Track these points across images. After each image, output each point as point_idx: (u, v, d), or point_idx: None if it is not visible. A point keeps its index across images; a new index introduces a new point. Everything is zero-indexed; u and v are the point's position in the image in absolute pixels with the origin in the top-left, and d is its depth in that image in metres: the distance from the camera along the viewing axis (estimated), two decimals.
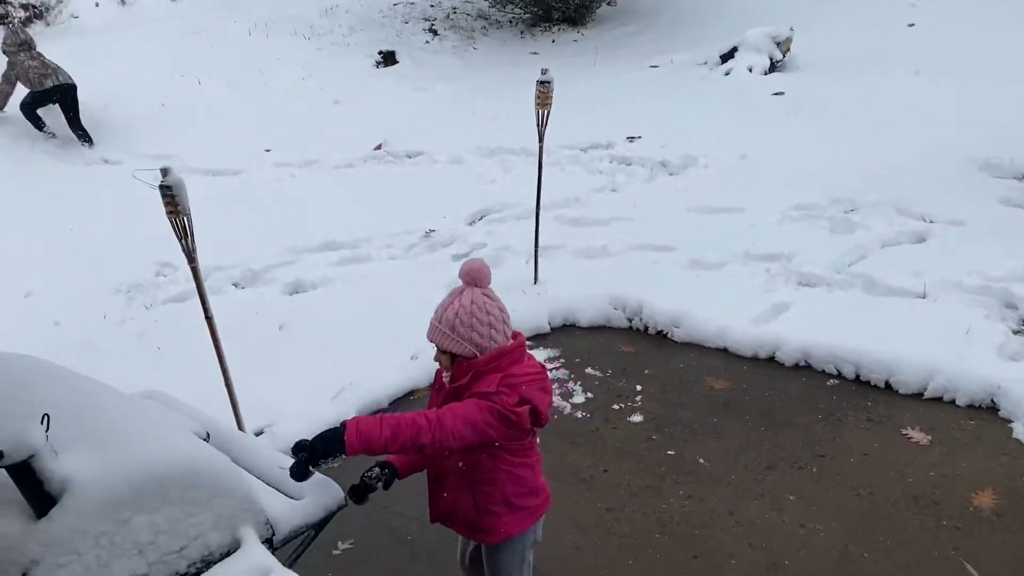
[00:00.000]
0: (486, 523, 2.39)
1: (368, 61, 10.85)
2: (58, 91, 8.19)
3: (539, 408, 2.23)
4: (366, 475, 2.42)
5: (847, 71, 8.37)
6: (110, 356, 4.73)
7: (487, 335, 2.24)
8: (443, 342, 2.26)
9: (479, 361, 2.24)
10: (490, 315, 2.26)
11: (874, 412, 4.01)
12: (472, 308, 2.24)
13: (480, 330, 2.23)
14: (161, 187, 3.37)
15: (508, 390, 2.17)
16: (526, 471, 2.39)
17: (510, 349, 2.27)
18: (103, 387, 2.26)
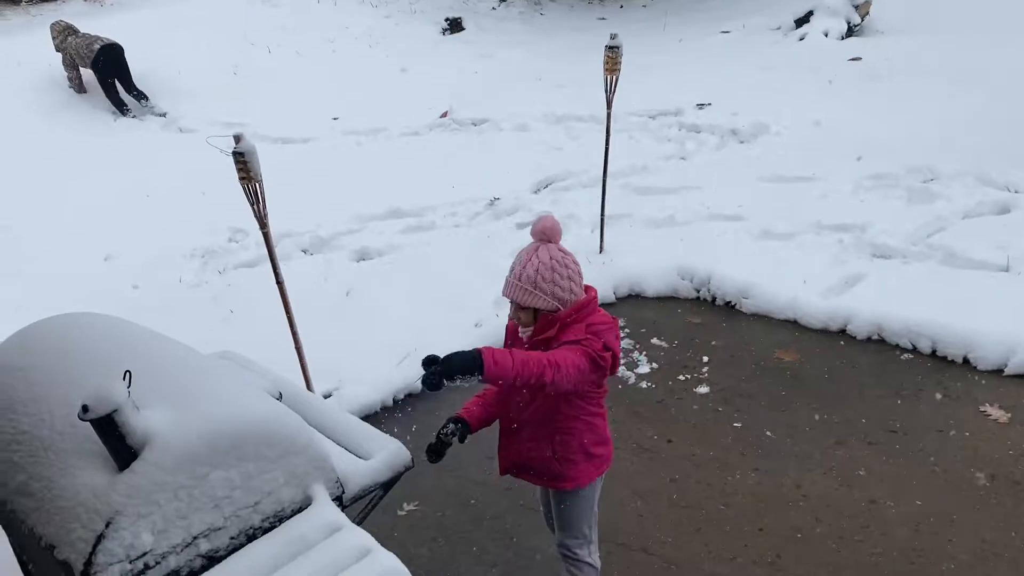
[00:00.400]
0: (564, 471, 2.45)
1: (434, 28, 10.83)
2: (105, 52, 8.42)
3: (616, 355, 2.33)
4: (442, 432, 2.47)
5: (929, 35, 8.01)
6: (185, 318, 4.87)
7: (568, 288, 2.30)
8: (525, 298, 2.30)
9: (564, 313, 2.30)
10: (568, 268, 2.32)
11: (951, 388, 3.89)
12: (552, 263, 2.29)
13: (561, 284, 2.29)
14: (234, 153, 3.43)
15: (594, 337, 2.25)
16: (600, 420, 2.48)
17: (587, 301, 2.35)
18: (181, 347, 2.33)
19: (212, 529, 1.83)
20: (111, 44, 8.49)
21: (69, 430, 1.89)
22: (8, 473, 1.98)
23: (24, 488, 1.91)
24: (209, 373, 2.14)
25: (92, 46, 8.40)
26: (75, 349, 2.18)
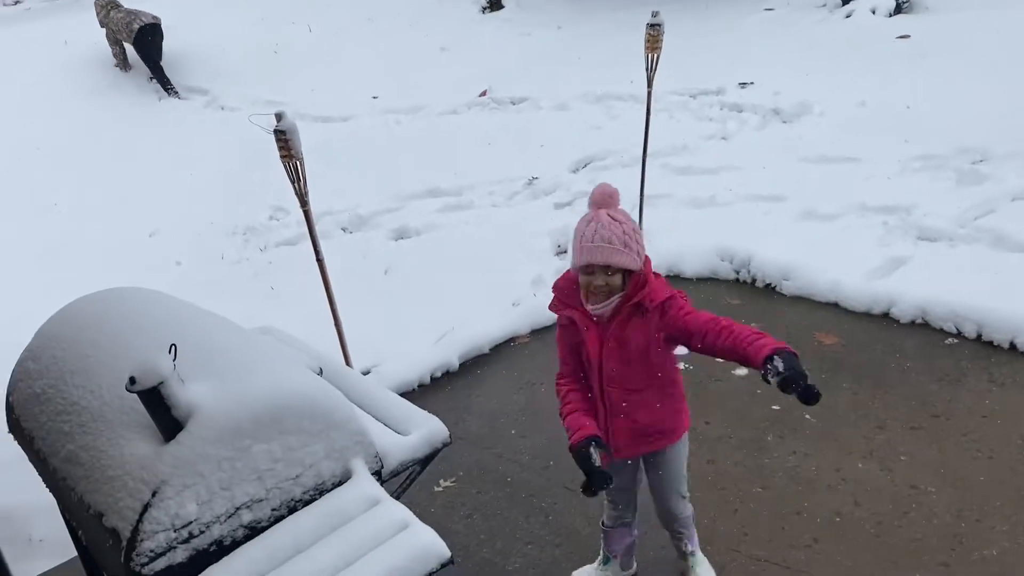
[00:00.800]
0: (676, 423, 2.53)
1: (474, 7, 10.79)
2: (146, 31, 8.52)
3: None
4: (592, 465, 2.26)
5: (980, 11, 7.78)
6: (227, 294, 4.95)
7: (643, 245, 2.31)
8: (620, 260, 2.24)
9: (647, 271, 2.32)
10: (636, 227, 2.32)
11: (997, 373, 3.80)
12: (631, 223, 2.29)
13: (641, 242, 2.29)
14: (276, 131, 3.47)
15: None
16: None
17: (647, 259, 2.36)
18: (224, 321, 2.37)
19: (254, 500, 1.86)
20: (152, 24, 8.61)
21: (116, 401, 1.93)
22: (58, 442, 2.04)
23: (73, 457, 1.96)
24: (251, 348, 2.17)
25: (132, 24, 8.51)
26: (123, 323, 2.23)
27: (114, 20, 8.66)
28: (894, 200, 5.17)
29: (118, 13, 8.71)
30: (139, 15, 8.64)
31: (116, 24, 8.62)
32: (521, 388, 4.18)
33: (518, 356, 4.46)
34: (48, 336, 2.31)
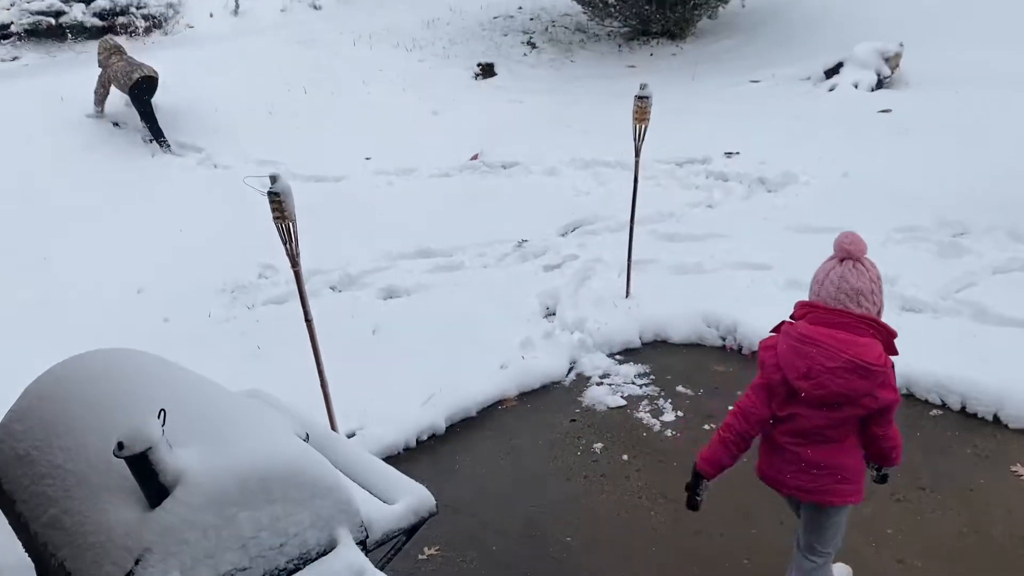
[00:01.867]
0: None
1: (467, 73, 11.01)
2: (145, 81, 8.68)
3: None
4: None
5: (960, 89, 8.02)
6: (214, 352, 4.93)
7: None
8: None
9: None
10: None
11: (981, 446, 3.83)
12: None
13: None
14: (269, 193, 3.51)
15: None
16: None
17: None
18: (213, 384, 2.37)
19: (238, 569, 1.84)
20: (150, 76, 8.74)
21: (103, 465, 1.92)
22: (41, 506, 2.02)
23: (56, 522, 1.94)
24: (240, 412, 2.17)
25: (132, 74, 8.64)
26: (111, 385, 2.22)
27: (114, 65, 8.78)
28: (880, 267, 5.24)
29: (120, 60, 8.84)
30: (141, 66, 8.78)
31: (115, 70, 8.74)
32: (508, 453, 4.16)
33: (505, 419, 4.45)
34: (35, 396, 2.30)
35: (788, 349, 2.56)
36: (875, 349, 2.46)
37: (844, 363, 2.43)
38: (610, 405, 4.45)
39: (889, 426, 2.58)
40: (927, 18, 10.09)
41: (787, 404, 2.58)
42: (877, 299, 2.55)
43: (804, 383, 2.49)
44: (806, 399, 2.50)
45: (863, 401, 2.47)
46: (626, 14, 11.71)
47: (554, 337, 5.05)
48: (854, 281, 2.51)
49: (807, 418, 2.55)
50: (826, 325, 2.51)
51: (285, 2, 14.10)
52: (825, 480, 2.61)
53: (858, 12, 10.71)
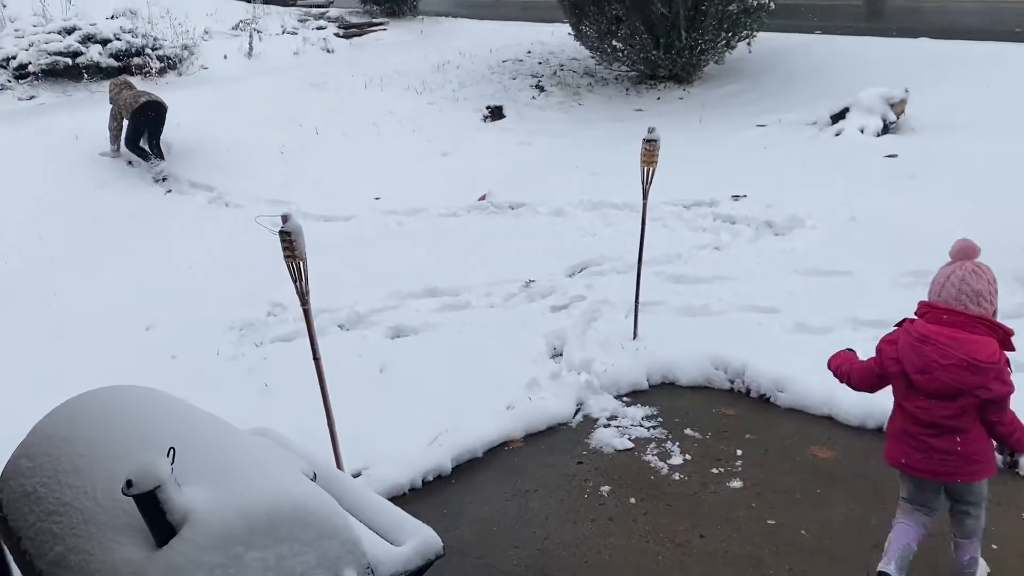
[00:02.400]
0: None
1: (476, 115, 11.16)
2: (151, 107, 8.87)
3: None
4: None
5: (965, 134, 8.08)
6: (221, 390, 4.94)
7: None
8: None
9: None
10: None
11: (991, 493, 3.78)
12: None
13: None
14: (281, 232, 3.54)
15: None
16: None
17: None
18: (221, 422, 2.37)
19: None
20: (157, 101, 8.94)
21: (110, 503, 1.91)
22: (47, 544, 2.00)
23: (62, 560, 1.93)
24: (247, 451, 2.16)
25: (139, 98, 8.86)
26: (120, 422, 2.22)
27: (123, 97, 9.00)
28: (886, 314, 5.21)
29: (129, 91, 9.06)
30: (148, 94, 9.01)
31: (124, 98, 8.95)
32: (515, 495, 4.13)
33: (512, 461, 4.42)
34: (43, 434, 2.30)
35: (907, 345, 2.92)
36: (989, 347, 2.77)
37: (957, 360, 2.77)
38: (617, 447, 4.42)
39: (1004, 413, 2.88)
40: (930, 64, 10.21)
41: (908, 396, 2.97)
42: (994, 300, 2.87)
43: (920, 377, 2.86)
44: (923, 391, 2.88)
45: (977, 392, 2.79)
46: (633, 59, 11.87)
47: (561, 378, 5.04)
48: (974, 283, 2.84)
49: (928, 409, 2.91)
50: (944, 324, 2.85)
51: (298, 45, 14.38)
52: (954, 463, 2.95)
53: (861, 58, 10.87)
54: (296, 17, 16.35)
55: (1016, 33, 11.37)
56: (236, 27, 15.09)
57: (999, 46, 10.85)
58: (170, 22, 13.52)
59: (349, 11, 17.81)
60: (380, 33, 16.19)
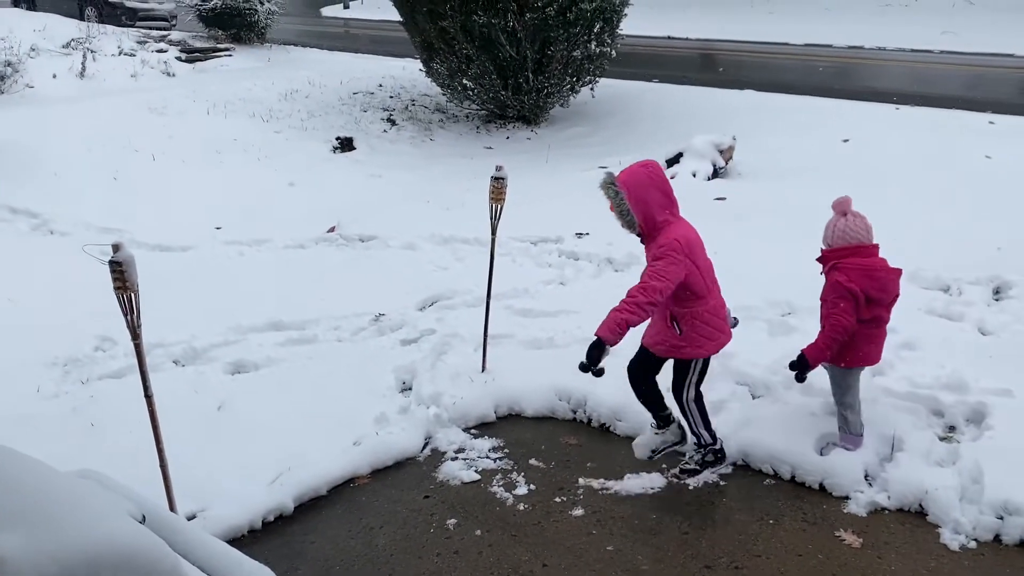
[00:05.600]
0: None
1: (325, 146, 11.04)
2: None
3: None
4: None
5: (786, 180, 8.79)
6: (42, 431, 4.59)
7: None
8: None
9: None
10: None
11: (810, 513, 4.09)
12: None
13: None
14: (111, 262, 3.37)
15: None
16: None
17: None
18: (37, 463, 2.21)
19: None
20: None
21: None
22: None
23: None
24: (68, 494, 2.03)
25: None
26: None
27: None
28: None
29: None
30: None
31: None
32: (360, 532, 4.06)
33: (357, 498, 4.35)
34: None
35: (861, 275, 4.09)
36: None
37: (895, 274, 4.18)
38: (464, 480, 4.45)
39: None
40: (754, 114, 11.06)
41: (869, 308, 4.11)
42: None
43: (882, 294, 4.14)
44: (884, 304, 4.20)
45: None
46: (483, 98, 12.15)
47: (410, 412, 5.03)
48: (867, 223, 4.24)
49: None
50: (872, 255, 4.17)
51: (136, 67, 13.76)
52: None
53: (694, 106, 11.63)
54: (135, 39, 15.63)
55: (823, 89, 12.52)
56: (67, 45, 14.26)
57: (813, 100, 11.92)
58: None
59: (192, 35, 17.22)
60: (225, 59, 15.75)
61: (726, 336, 4.20)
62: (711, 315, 4.06)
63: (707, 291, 4.04)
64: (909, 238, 7.06)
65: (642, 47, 16.34)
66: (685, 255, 3.89)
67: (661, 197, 4.01)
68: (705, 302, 4.04)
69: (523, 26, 10.86)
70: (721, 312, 4.14)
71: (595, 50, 11.52)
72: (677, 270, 3.84)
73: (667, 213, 4.02)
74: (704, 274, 4.02)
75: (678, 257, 3.86)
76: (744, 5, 24.59)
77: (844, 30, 17.86)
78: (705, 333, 4.07)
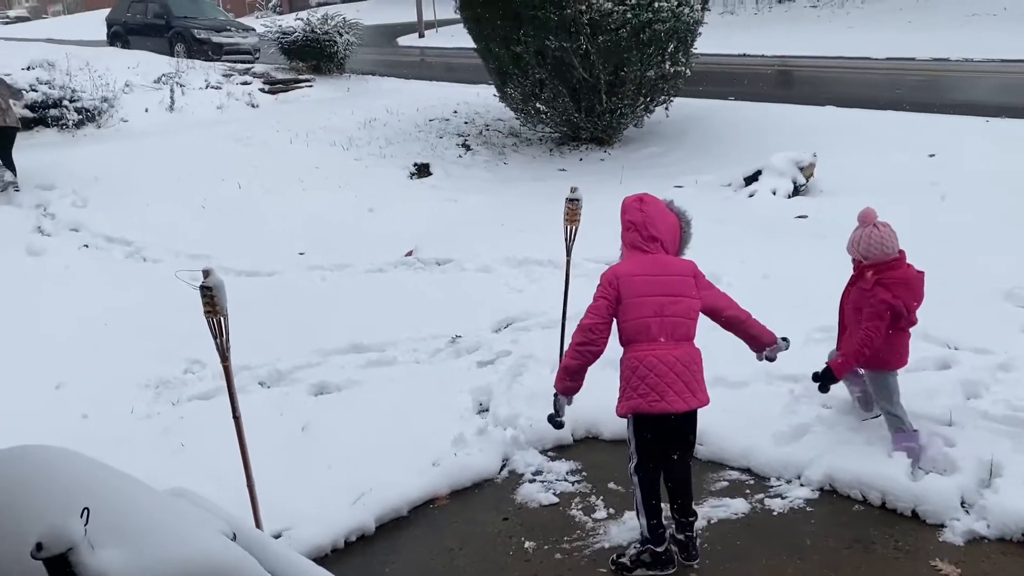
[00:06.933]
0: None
1: (403, 172, 11.25)
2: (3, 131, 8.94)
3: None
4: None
5: (870, 197, 8.49)
6: (135, 450, 4.77)
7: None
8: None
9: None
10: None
11: (902, 541, 3.93)
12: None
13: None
14: (202, 287, 3.50)
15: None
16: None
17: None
18: (136, 482, 2.30)
19: None
20: (11, 127, 9.01)
21: (15, 568, 1.83)
22: None
23: None
24: (164, 511, 2.11)
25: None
26: (30, 483, 2.14)
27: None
28: (800, 368, 5.40)
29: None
30: (7, 113, 8.98)
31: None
32: (439, 553, 4.08)
33: (437, 519, 4.38)
34: None
35: (903, 289, 4.23)
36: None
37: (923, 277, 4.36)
38: (543, 503, 4.43)
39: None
40: (835, 130, 10.81)
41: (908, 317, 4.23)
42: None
43: (916, 304, 4.28)
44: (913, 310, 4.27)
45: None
46: (556, 120, 12.21)
47: (487, 434, 5.05)
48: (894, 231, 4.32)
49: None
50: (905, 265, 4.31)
51: (222, 99, 14.31)
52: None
53: (772, 124, 11.42)
54: (220, 72, 16.28)
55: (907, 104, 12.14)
56: (158, 80, 14.94)
57: (897, 114, 11.58)
58: (89, 74, 13.29)
59: (275, 67, 17.83)
60: (306, 89, 16.24)
61: (666, 401, 3.59)
62: (644, 367, 3.60)
63: (642, 336, 3.62)
64: (1003, 254, 6.78)
65: (717, 65, 16.19)
66: (615, 288, 3.65)
67: (627, 227, 3.89)
68: (635, 348, 3.64)
69: (596, 48, 10.89)
70: (660, 368, 3.58)
71: (669, 70, 11.45)
72: (598, 305, 3.68)
73: (623, 247, 3.89)
74: (640, 317, 3.61)
75: (604, 291, 3.68)
76: (822, 21, 24.13)
77: (928, 42, 17.34)
78: (632, 384, 3.64)
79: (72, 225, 8.89)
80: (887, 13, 23.14)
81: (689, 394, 3.63)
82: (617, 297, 3.64)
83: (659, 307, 3.60)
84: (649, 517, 3.67)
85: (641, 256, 3.74)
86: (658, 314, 3.60)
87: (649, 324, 3.59)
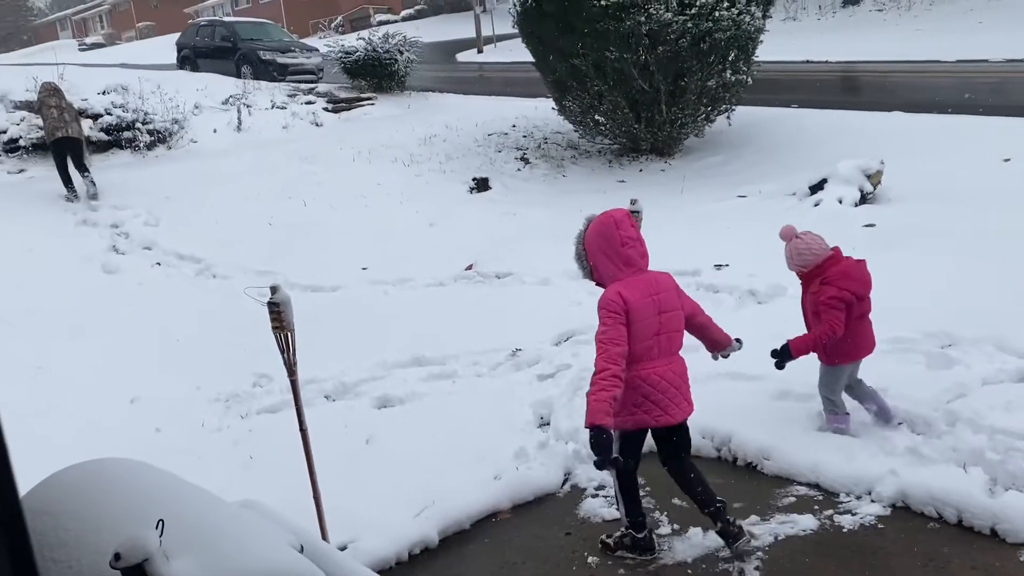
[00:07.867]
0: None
1: (463, 187, 11.35)
2: (67, 143, 9.34)
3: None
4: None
5: (941, 205, 8.28)
6: (206, 463, 4.90)
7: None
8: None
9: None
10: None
11: (980, 560, 3.78)
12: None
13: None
14: (269, 304, 3.59)
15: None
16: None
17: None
18: (208, 494, 2.36)
19: None
20: (70, 138, 9.40)
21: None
22: None
23: None
24: (235, 523, 2.16)
25: (55, 132, 9.33)
26: (106, 495, 2.22)
27: (49, 109, 9.58)
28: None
29: (55, 109, 9.74)
30: (61, 127, 9.40)
31: (46, 117, 9.46)
32: (502, 567, 4.08)
33: (499, 533, 4.39)
34: (28, 508, 2.27)
35: (848, 280, 4.51)
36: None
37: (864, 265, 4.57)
38: (605, 518, 4.40)
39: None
40: (903, 137, 10.52)
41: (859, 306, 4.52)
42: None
43: (865, 290, 4.50)
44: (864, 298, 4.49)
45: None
46: (615, 132, 12.17)
47: (548, 447, 5.04)
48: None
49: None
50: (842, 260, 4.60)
51: (287, 119, 14.66)
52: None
53: (837, 131, 11.19)
54: (285, 92, 16.68)
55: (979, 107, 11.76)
56: (226, 101, 15.39)
57: (969, 119, 11.22)
58: (160, 97, 13.77)
59: (338, 86, 18.20)
60: (368, 107, 16.53)
61: (668, 414, 3.80)
62: (647, 386, 3.72)
63: (644, 356, 3.70)
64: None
65: (780, 73, 15.93)
66: (624, 312, 3.65)
67: (606, 247, 3.82)
68: (638, 367, 3.69)
69: (656, 59, 10.84)
70: (662, 385, 3.76)
71: (730, 78, 11.33)
72: (619, 332, 3.62)
73: (612, 267, 3.81)
74: (646, 339, 3.69)
75: (616, 317, 3.65)
76: (888, 24, 23.57)
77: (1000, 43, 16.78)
78: (635, 400, 3.72)
79: (145, 243, 9.21)
80: (956, 15, 22.48)
81: (685, 404, 3.89)
82: (627, 321, 3.65)
83: (659, 326, 3.73)
84: (628, 504, 3.94)
85: (635, 276, 3.78)
86: (658, 333, 3.73)
87: (651, 345, 3.71)
